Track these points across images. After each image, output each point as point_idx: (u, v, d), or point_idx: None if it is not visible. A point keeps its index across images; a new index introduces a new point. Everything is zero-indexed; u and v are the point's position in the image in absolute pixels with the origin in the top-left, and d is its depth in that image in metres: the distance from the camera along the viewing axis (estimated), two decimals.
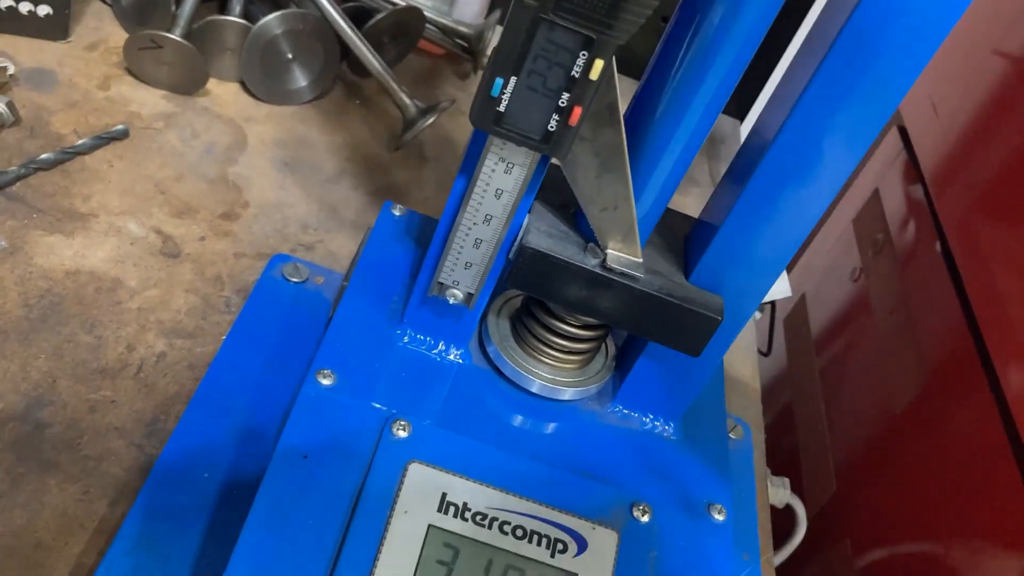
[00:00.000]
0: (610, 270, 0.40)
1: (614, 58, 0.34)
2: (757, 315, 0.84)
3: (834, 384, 0.90)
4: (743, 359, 0.69)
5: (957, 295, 0.73)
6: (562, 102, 0.34)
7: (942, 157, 0.85)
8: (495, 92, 0.34)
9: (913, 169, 0.90)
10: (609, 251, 0.41)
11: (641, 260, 0.41)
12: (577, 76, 0.33)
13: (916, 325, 0.78)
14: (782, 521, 0.68)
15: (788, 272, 1.11)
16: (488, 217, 0.40)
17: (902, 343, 0.79)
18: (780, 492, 0.66)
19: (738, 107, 0.94)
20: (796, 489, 0.67)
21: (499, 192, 0.39)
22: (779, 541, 0.70)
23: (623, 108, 0.37)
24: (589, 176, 0.38)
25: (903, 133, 0.96)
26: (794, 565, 0.71)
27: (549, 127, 0.35)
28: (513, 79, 0.34)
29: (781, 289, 0.76)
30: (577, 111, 0.34)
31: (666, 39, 0.37)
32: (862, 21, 0.34)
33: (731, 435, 0.60)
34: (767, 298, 0.79)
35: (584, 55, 0.33)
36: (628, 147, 0.38)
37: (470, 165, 0.39)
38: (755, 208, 0.39)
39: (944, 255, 0.77)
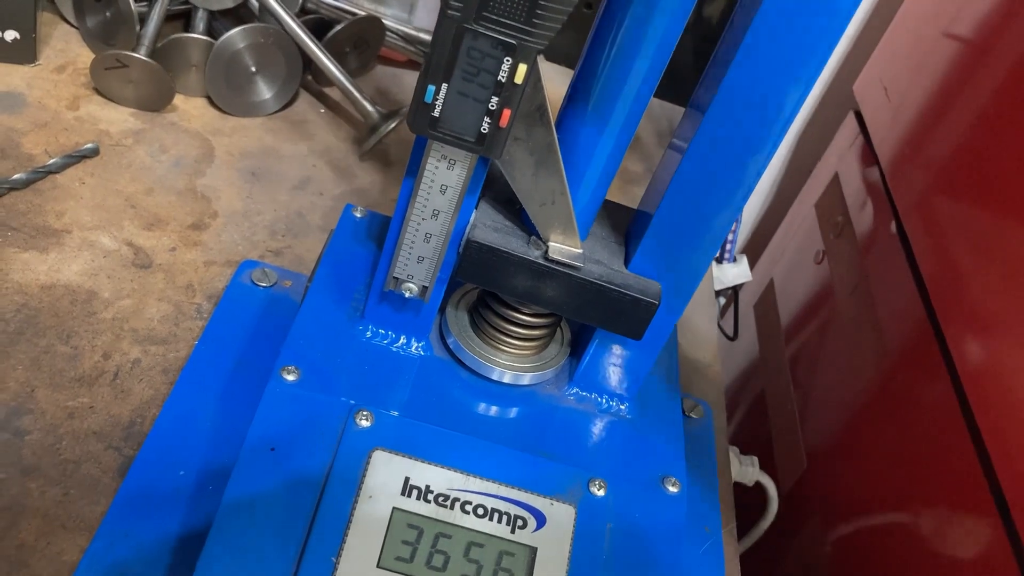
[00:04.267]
0: (552, 261, 0.43)
1: (539, 61, 0.36)
2: (721, 300, 0.86)
3: (803, 366, 0.92)
4: (704, 344, 0.71)
5: (912, 275, 0.76)
6: (492, 105, 0.37)
7: (894, 140, 0.87)
8: (428, 99, 0.36)
9: (869, 152, 0.93)
10: (551, 243, 0.43)
11: (581, 251, 0.43)
12: (504, 80, 0.36)
13: (875, 305, 0.81)
14: (754, 499, 0.71)
15: (756, 258, 1.14)
16: (436, 212, 0.43)
17: (863, 323, 0.82)
18: (749, 470, 0.68)
19: None
20: (769, 469, 0.70)
21: (444, 188, 0.42)
22: (752, 518, 0.73)
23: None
24: (526, 173, 0.41)
25: (859, 117, 0.99)
26: (767, 540, 0.74)
27: (482, 129, 0.37)
28: (444, 86, 0.36)
29: (741, 273, 0.79)
30: (507, 113, 0.37)
31: (592, 37, 0.40)
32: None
33: (692, 415, 0.63)
34: (729, 283, 0.82)
35: (508, 60, 0.35)
36: (561, 143, 0.40)
37: (415, 164, 0.42)
38: (684, 194, 0.42)
39: (899, 236, 0.80)
